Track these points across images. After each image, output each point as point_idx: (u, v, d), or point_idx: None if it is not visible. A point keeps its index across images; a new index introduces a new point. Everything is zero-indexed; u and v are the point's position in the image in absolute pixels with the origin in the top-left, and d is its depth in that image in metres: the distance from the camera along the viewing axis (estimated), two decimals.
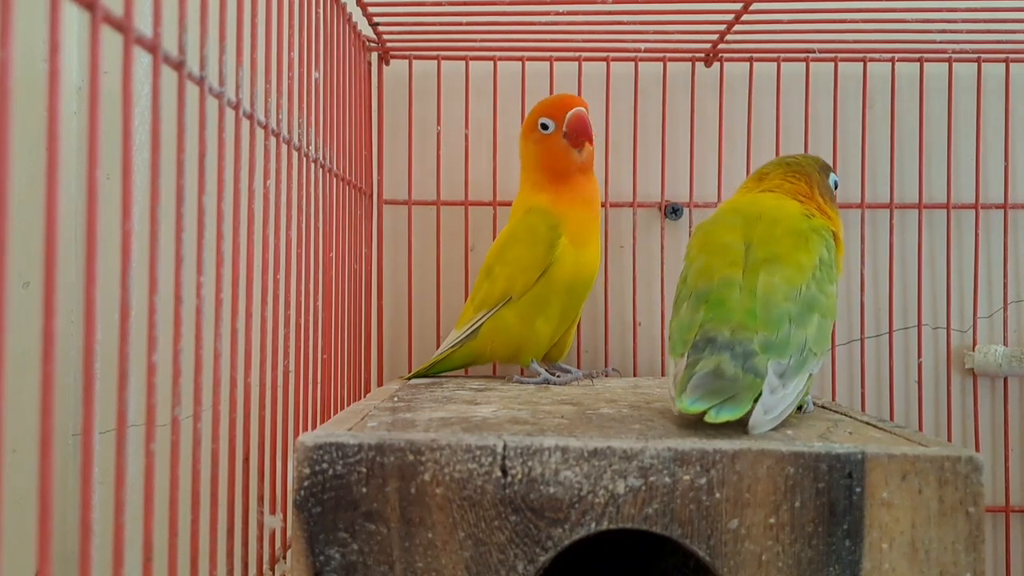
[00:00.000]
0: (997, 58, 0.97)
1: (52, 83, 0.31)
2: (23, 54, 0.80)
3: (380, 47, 0.97)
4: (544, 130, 0.84)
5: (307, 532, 0.48)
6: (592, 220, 0.86)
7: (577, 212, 0.84)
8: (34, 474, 0.30)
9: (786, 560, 0.47)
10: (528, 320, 0.83)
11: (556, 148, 0.84)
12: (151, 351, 0.39)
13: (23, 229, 0.38)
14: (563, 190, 0.84)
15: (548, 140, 0.84)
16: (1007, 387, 0.98)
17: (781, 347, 0.57)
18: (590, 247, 0.85)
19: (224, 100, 0.50)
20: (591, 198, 0.86)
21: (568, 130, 0.83)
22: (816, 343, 0.59)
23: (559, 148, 0.84)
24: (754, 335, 0.57)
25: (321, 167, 0.73)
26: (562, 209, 0.84)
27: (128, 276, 0.37)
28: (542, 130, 0.84)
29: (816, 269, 0.62)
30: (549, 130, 0.84)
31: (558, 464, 0.48)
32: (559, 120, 0.83)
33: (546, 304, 0.83)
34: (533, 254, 0.82)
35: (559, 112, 0.83)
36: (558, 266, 0.82)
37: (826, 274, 0.63)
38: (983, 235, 0.98)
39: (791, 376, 0.56)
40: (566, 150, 0.83)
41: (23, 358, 0.52)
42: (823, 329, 0.60)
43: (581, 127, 0.82)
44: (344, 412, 0.62)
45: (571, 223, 0.83)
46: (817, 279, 0.62)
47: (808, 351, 0.58)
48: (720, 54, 0.98)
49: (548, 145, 0.84)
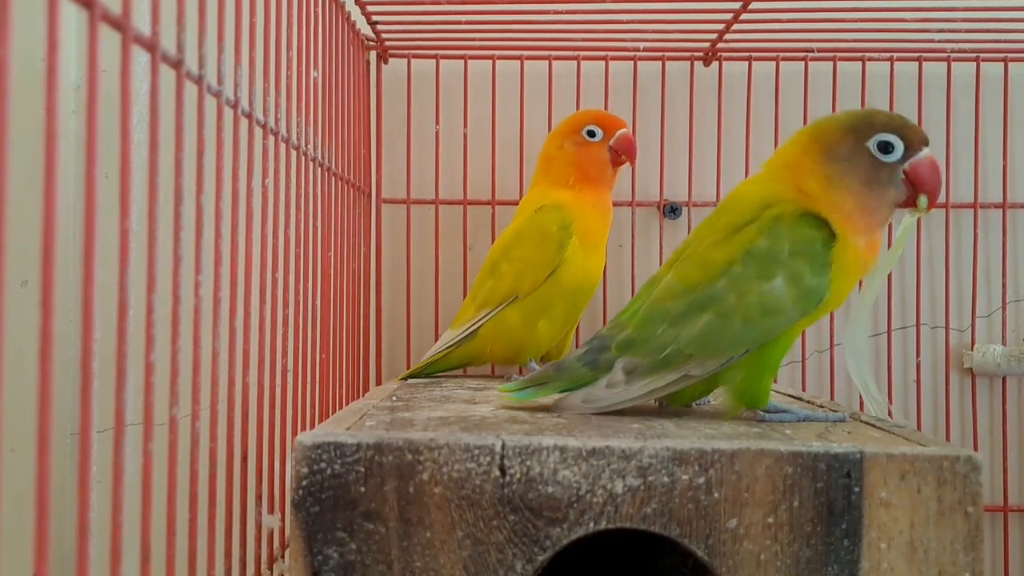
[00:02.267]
0: (996, 57, 0.97)
1: (50, 82, 0.31)
2: (21, 52, 0.79)
3: (379, 46, 0.96)
4: (591, 137, 0.86)
5: (305, 531, 0.48)
6: (603, 228, 0.87)
7: (591, 216, 0.85)
8: (32, 473, 0.30)
9: (784, 560, 0.47)
10: (531, 321, 0.83)
11: (596, 156, 0.86)
12: (149, 350, 0.39)
13: (21, 228, 0.38)
14: (586, 194, 0.86)
15: (591, 147, 0.86)
16: (1006, 386, 0.98)
17: (638, 345, 0.59)
18: (597, 253, 0.86)
19: (223, 99, 0.50)
20: (607, 208, 0.88)
21: (617, 146, 0.86)
22: (694, 344, 0.57)
23: (600, 157, 0.86)
24: (620, 332, 0.60)
25: (320, 166, 0.73)
26: (578, 210, 0.84)
27: (126, 275, 0.36)
28: (588, 136, 0.86)
29: (736, 264, 0.58)
30: (596, 138, 0.86)
31: (557, 464, 0.48)
32: (609, 133, 0.86)
33: (551, 306, 0.83)
34: (542, 252, 0.83)
35: (610, 126, 0.86)
36: (566, 267, 0.83)
37: (757, 269, 0.57)
38: (982, 234, 0.98)
39: (642, 374, 0.58)
40: (606, 162, 0.86)
41: (21, 357, 0.52)
42: (713, 330, 0.57)
43: (630, 148, 0.86)
44: (342, 411, 0.62)
45: (584, 225, 0.84)
46: (734, 275, 0.58)
47: (677, 351, 0.58)
48: (719, 53, 0.98)
49: (590, 151, 0.86)
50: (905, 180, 0.58)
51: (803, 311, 0.57)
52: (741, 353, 0.58)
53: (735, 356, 0.58)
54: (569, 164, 0.86)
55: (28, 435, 0.32)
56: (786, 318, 0.57)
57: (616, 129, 0.86)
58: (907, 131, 0.58)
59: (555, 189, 0.86)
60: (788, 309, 0.57)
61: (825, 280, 0.57)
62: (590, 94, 0.99)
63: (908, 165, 0.58)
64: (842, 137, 0.58)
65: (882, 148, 0.58)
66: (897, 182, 0.58)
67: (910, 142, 0.58)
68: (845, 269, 0.58)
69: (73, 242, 0.86)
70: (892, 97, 0.98)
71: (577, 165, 0.86)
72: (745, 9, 0.83)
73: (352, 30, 0.88)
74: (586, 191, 0.86)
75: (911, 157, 0.58)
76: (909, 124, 0.59)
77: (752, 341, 0.57)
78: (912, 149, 0.58)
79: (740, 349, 0.57)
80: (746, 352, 0.58)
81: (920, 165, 0.58)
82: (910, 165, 0.58)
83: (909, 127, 0.58)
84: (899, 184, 0.58)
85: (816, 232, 0.58)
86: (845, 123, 0.59)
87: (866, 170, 0.58)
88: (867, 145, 0.58)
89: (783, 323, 0.57)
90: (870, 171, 0.58)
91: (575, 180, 0.86)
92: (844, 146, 0.58)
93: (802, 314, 0.57)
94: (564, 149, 0.87)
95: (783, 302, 0.57)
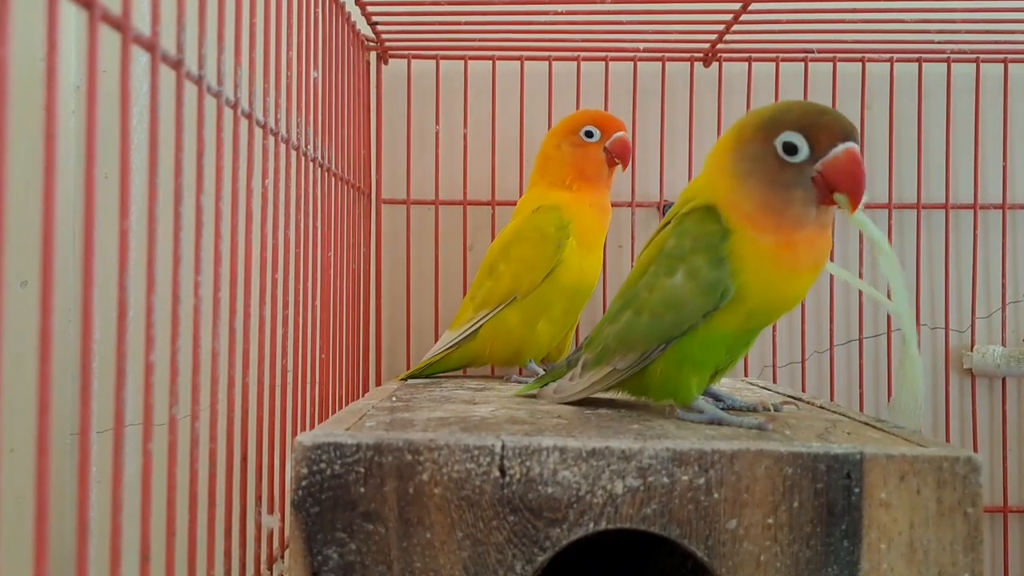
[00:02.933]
0: (995, 58, 0.97)
1: (50, 82, 0.31)
2: (21, 53, 0.79)
3: (379, 46, 0.96)
4: (588, 137, 0.86)
5: (305, 532, 0.48)
6: (601, 229, 0.87)
7: (589, 217, 0.85)
8: (32, 474, 0.30)
9: (784, 560, 0.47)
10: (531, 322, 0.83)
11: (594, 156, 0.86)
12: (149, 350, 0.39)
13: (21, 228, 0.38)
14: (583, 194, 0.86)
15: (588, 148, 0.86)
16: (1005, 387, 0.98)
17: (591, 342, 0.64)
18: (595, 254, 0.86)
19: (222, 99, 0.50)
20: (605, 208, 0.87)
21: (612, 149, 0.86)
22: (617, 338, 0.61)
23: (596, 157, 0.86)
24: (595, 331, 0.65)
25: (319, 166, 0.73)
26: (575, 210, 0.84)
27: (126, 275, 0.36)
28: (586, 137, 0.86)
29: (654, 263, 0.60)
30: (593, 138, 0.86)
31: (556, 464, 0.48)
32: (606, 135, 0.86)
33: (549, 306, 0.83)
34: (540, 253, 0.83)
35: (608, 128, 0.86)
36: (564, 267, 0.83)
37: (664, 266, 0.58)
38: (981, 235, 0.98)
39: (590, 367, 0.63)
40: (602, 162, 0.86)
41: (20, 357, 0.52)
42: (631, 325, 0.59)
43: (625, 151, 0.86)
44: (342, 412, 0.62)
45: (581, 226, 0.84)
46: (651, 274, 0.60)
47: (607, 347, 0.62)
48: (719, 54, 0.98)
49: (587, 152, 0.86)
50: (819, 179, 0.54)
51: (705, 304, 0.56)
52: (655, 347, 0.59)
53: (649, 350, 0.59)
54: (567, 164, 0.86)
55: (28, 435, 0.32)
56: (688, 311, 0.57)
57: (614, 131, 0.86)
58: (815, 130, 0.54)
59: (553, 189, 0.86)
60: (688, 303, 0.57)
61: (723, 274, 0.56)
62: (590, 95, 0.99)
63: (820, 165, 0.54)
64: (753, 134, 0.57)
65: (787, 149, 0.55)
66: (805, 183, 0.55)
67: (817, 142, 0.54)
68: (753, 264, 0.56)
69: (73, 242, 0.86)
70: (892, 98, 0.98)
71: (575, 165, 0.86)
72: (745, 9, 0.83)
73: (352, 30, 0.88)
74: (584, 191, 0.86)
75: (822, 157, 0.54)
76: (821, 122, 0.55)
77: (661, 334, 0.58)
78: (820, 150, 0.54)
79: (652, 343, 0.59)
80: (662, 347, 0.59)
81: (830, 166, 0.54)
82: (822, 165, 0.54)
83: (819, 125, 0.54)
84: (807, 185, 0.55)
85: (716, 226, 0.57)
86: (759, 120, 0.57)
87: (770, 171, 0.55)
88: (774, 143, 0.55)
89: (686, 316, 0.57)
90: (774, 172, 0.55)
91: (572, 180, 0.86)
92: (753, 144, 0.56)
93: (705, 307, 0.56)
94: (561, 149, 0.87)
95: (683, 295, 0.57)
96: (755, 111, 0.59)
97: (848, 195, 0.54)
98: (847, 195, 0.54)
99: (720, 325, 0.58)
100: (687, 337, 0.58)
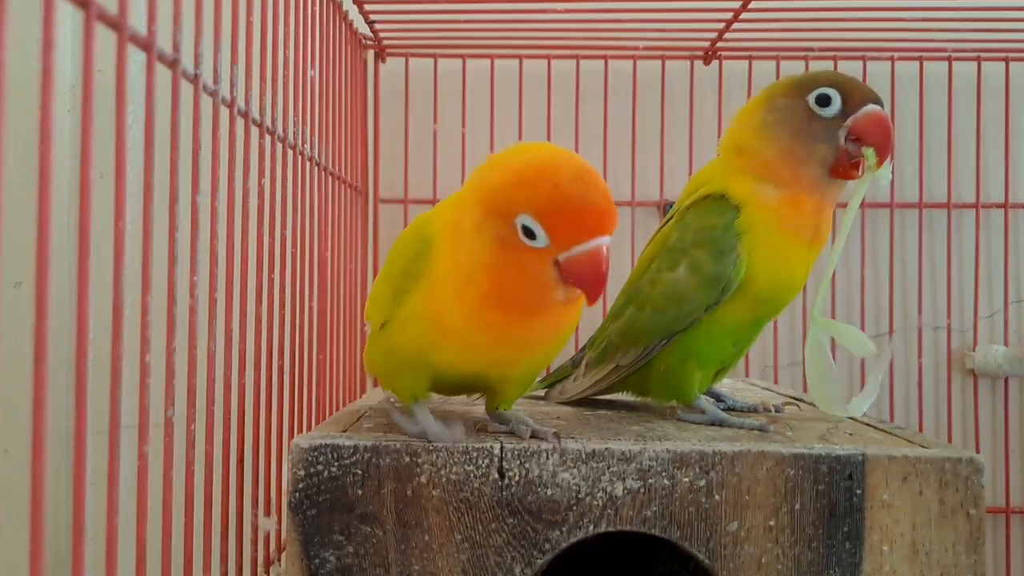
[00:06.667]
0: (997, 57, 0.97)
1: (45, 81, 0.31)
2: (16, 52, 0.79)
3: (376, 45, 0.96)
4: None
5: (302, 534, 0.47)
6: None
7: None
8: (26, 475, 0.29)
9: (786, 563, 0.47)
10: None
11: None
12: (144, 351, 0.39)
13: (15, 228, 0.38)
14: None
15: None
16: (1007, 387, 0.98)
17: (594, 341, 0.65)
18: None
19: (219, 98, 0.49)
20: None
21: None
22: (619, 334, 0.61)
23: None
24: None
25: (316, 165, 0.73)
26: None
27: (121, 275, 0.36)
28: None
29: (656, 259, 0.60)
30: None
31: (556, 466, 0.47)
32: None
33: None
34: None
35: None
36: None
37: (667, 260, 0.59)
38: (983, 235, 0.98)
39: (593, 366, 0.64)
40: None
41: (15, 358, 0.51)
42: (633, 320, 0.60)
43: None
44: (339, 413, 0.62)
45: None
46: (653, 269, 0.60)
47: (610, 343, 0.62)
48: (719, 52, 0.98)
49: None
50: (851, 139, 0.56)
51: (707, 298, 0.57)
52: (657, 342, 0.59)
53: (652, 345, 0.59)
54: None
55: (23, 436, 0.32)
56: (690, 305, 0.57)
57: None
58: (850, 87, 0.57)
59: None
60: (690, 296, 0.57)
61: (727, 265, 0.56)
62: (589, 93, 0.98)
63: (851, 121, 0.56)
64: (786, 90, 0.58)
65: (820, 101, 0.56)
66: (832, 138, 0.56)
67: (850, 97, 0.56)
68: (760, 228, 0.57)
69: (68, 242, 0.86)
70: (893, 97, 0.97)
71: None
72: (745, 8, 0.83)
73: (349, 29, 0.88)
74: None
75: (853, 113, 0.56)
76: (854, 81, 0.57)
77: (663, 329, 0.58)
78: (852, 104, 0.56)
79: (654, 338, 0.59)
80: (664, 342, 0.58)
81: (861, 120, 0.56)
82: (853, 120, 0.56)
83: (853, 84, 0.57)
84: (834, 141, 0.56)
85: (718, 219, 0.57)
86: (793, 79, 0.59)
87: (799, 121, 0.57)
88: (807, 98, 0.57)
89: (688, 310, 0.57)
90: (803, 122, 0.57)
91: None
92: (786, 98, 0.58)
93: (707, 301, 0.57)
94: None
95: (685, 290, 0.57)
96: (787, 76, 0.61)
97: (876, 148, 0.56)
98: (875, 148, 0.56)
99: (726, 317, 0.58)
100: (691, 331, 0.58)
